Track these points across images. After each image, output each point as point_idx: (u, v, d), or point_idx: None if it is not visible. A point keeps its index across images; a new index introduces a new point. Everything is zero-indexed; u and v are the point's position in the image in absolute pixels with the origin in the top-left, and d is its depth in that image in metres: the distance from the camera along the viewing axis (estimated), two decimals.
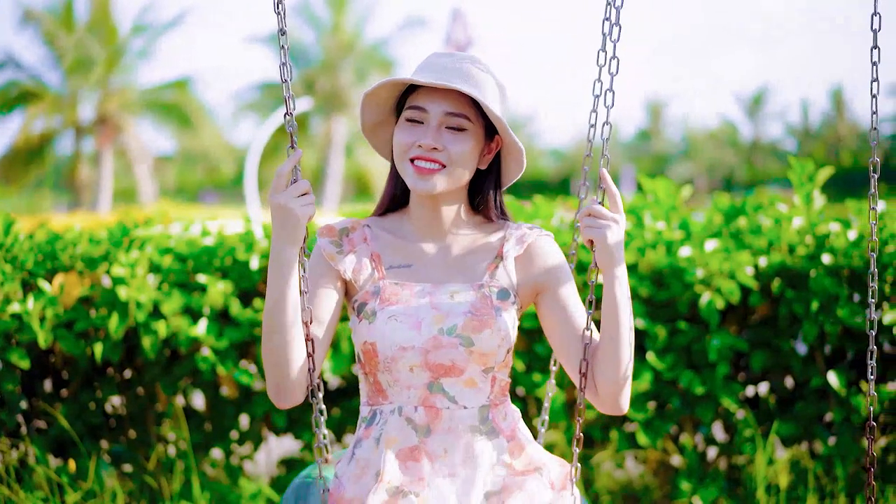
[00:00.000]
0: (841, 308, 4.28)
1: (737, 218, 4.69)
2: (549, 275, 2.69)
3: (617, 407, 2.63)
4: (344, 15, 44.00)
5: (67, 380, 4.62)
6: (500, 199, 2.78)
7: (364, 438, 2.66)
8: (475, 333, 2.57)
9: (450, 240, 2.73)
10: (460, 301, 2.61)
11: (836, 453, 4.42)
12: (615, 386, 2.59)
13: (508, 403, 2.74)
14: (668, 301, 4.50)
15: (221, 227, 4.70)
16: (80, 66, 37.81)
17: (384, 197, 2.81)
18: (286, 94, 2.58)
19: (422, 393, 2.61)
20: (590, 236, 2.56)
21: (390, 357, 2.58)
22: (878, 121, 2.95)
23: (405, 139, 2.60)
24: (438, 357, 2.57)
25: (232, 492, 4.51)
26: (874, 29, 2.83)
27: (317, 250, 2.71)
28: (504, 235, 2.74)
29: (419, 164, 2.59)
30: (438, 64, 2.63)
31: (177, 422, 4.55)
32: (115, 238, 4.45)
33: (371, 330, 2.59)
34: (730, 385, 4.44)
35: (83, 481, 4.38)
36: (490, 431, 2.64)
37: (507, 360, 2.69)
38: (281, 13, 2.56)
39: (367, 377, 2.68)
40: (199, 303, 4.36)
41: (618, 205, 2.58)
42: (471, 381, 2.62)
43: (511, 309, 2.65)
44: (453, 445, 2.60)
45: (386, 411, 2.64)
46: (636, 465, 4.95)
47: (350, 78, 43.47)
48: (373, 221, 2.79)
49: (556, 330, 2.67)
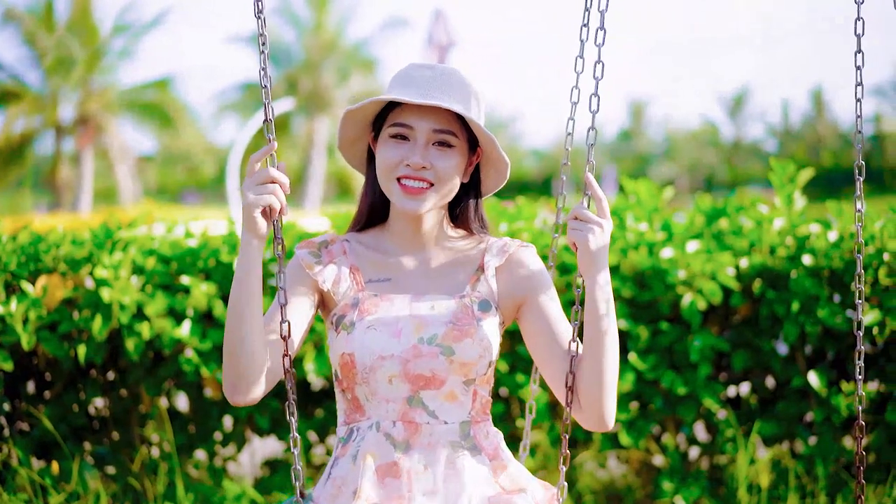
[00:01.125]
0: (821, 308, 4.31)
1: (718, 219, 4.72)
2: (530, 286, 2.63)
3: (602, 421, 2.53)
4: (325, 15, 43.98)
5: (51, 382, 4.62)
6: (480, 211, 2.73)
7: (340, 457, 2.57)
8: (456, 342, 2.51)
9: (430, 253, 2.68)
10: (441, 311, 2.55)
11: (817, 453, 4.45)
12: (598, 397, 2.50)
13: (490, 424, 2.64)
14: (650, 302, 4.53)
15: (205, 228, 4.70)
16: (60, 65, 37.66)
17: (361, 212, 2.74)
18: (265, 100, 2.52)
19: (401, 407, 2.52)
20: (573, 239, 2.50)
21: (369, 367, 2.50)
22: (861, 122, 2.97)
23: (391, 157, 2.54)
24: (418, 367, 2.50)
25: (216, 493, 4.51)
26: (858, 34, 2.84)
27: (294, 260, 2.64)
28: (485, 247, 2.68)
29: (407, 184, 2.53)
30: (419, 77, 2.56)
31: (160, 423, 4.56)
32: (99, 240, 4.45)
33: (349, 340, 2.52)
34: (711, 385, 4.46)
35: (66, 483, 4.38)
36: (472, 448, 2.55)
37: (489, 377, 2.61)
38: (261, 18, 2.51)
39: (344, 394, 2.60)
40: (182, 304, 4.36)
41: (604, 209, 2.52)
42: (451, 394, 2.54)
43: (493, 320, 2.58)
44: (434, 461, 2.51)
45: (363, 427, 2.56)
46: (619, 465, 4.97)
47: (332, 78, 43.47)
48: (351, 236, 2.73)
49: (539, 341, 2.60)
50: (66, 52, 37.39)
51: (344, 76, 43.86)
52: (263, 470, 4.79)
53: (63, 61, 37.50)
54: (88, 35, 38.49)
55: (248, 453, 4.93)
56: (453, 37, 20.02)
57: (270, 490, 4.59)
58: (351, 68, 44.23)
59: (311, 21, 43.97)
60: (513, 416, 4.61)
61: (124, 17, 39.52)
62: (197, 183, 68.97)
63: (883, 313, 4.28)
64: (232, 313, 2.45)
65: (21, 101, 37.98)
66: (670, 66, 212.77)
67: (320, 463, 4.74)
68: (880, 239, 4.32)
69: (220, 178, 52.84)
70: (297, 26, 43.86)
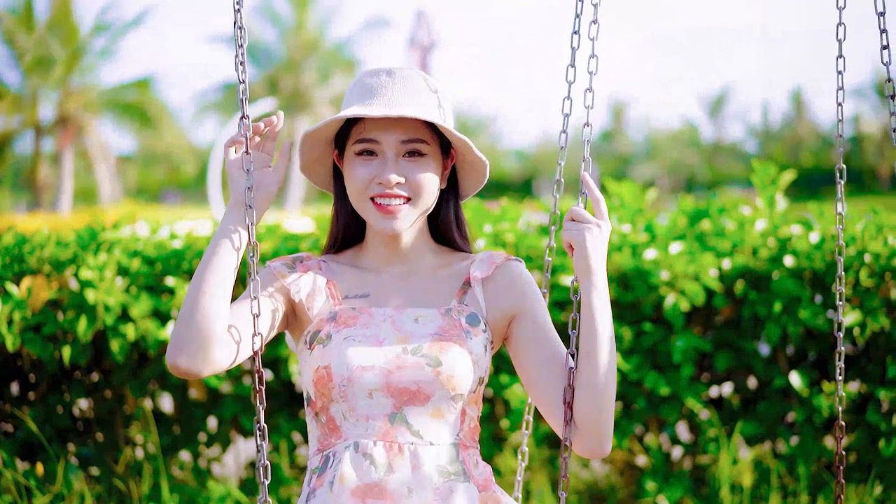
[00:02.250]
0: (803, 309, 4.34)
1: (701, 221, 4.74)
2: (521, 299, 2.42)
3: (600, 445, 2.33)
4: (307, 14, 43.93)
5: (35, 383, 4.62)
6: (461, 217, 2.53)
7: (317, 488, 2.32)
8: (443, 353, 2.30)
9: (412, 268, 2.46)
10: (426, 323, 2.35)
11: (799, 453, 4.48)
12: (596, 417, 2.31)
13: (479, 454, 2.42)
14: (633, 303, 4.55)
15: (190, 230, 4.70)
16: (40, 65, 37.51)
17: (334, 235, 2.53)
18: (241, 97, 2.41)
19: (382, 426, 2.29)
20: (569, 239, 2.33)
21: (347, 378, 2.28)
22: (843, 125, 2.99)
23: (361, 176, 2.34)
24: (402, 379, 2.29)
25: (201, 494, 4.51)
26: (839, 39, 2.86)
27: (266, 270, 2.42)
28: (470, 261, 2.47)
29: (382, 203, 2.33)
30: (376, 85, 2.37)
31: (145, 424, 4.56)
32: (83, 241, 4.45)
33: (325, 353, 2.31)
34: (694, 386, 4.49)
35: (51, 484, 4.38)
36: (461, 474, 2.32)
37: (478, 396, 2.40)
38: (239, 12, 2.36)
39: (317, 418, 2.37)
40: (167, 305, 4.37)
41: (602, 211, 2.36)
42: (438, 411, 2.31)
43: (482, 336, 2.37)
44: (419, 486, 2.28)
45: (339, 450, 2.32)
46: (602, 466, 4.99)
47: (313, 78, 43.43)
48: (327, 257, 2.51)
49: (530, 359, 2.40)
50: (46, 51, 37.24)
51: (325, 76, 43.81)
52: (248, 471, 4.79)
53: (43, 61, 37.35)
54: (68, 34, 38.34)
55: (233, 454, 4.94)
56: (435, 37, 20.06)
57: (255, 491, 4.60)
58: (332, 68, 44.20)
59: (292, 21, 43.92)
60: (497, 416, 4.63)
61: (104, 16, 39.37)
62: (177, 183, 68.78)
63: (864, 314, 4.32)
64: (196, 273, 2.26)
65: (0, 100, 37.83)
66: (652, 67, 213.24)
67: (304, 464, 4.74)
68: (861, 240, 4.36)
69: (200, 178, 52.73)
70: (279, 26, 43.80)
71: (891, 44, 2.74)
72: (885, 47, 2.74)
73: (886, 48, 2.74)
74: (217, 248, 2.27)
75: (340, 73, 44.30)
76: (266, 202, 2.37)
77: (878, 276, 4.35)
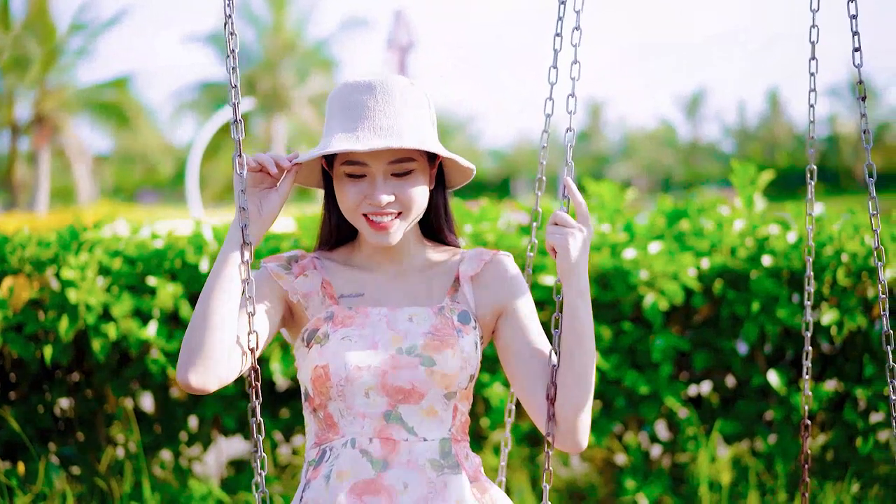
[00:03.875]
0: (781, 308, 4.38)
1: (679, 221, 4.78)
2: (508, 293, 2.51)
3: (576, 441, 2.43)
4: (284, 14, 43.88)
5: (16, 383, 4.62)
6: (448, 211, 2.59)
7: (312, 479, 2.41)
8: (436, 353, 2.38)
9: (404, 266, 2.53)
10: (419, 322, 2.43)
11: (777, 451, 4.53)
12: (574, 413, 2.40)
13: (469, 446, 2.50)
14: (612, 302, 4.58)
15: (171, 230, 4.71)
16: (16, 64, 37.34)
17: (326, 232, 2.59)
18: (234, 100, 2.38)
19: (377, 423, 2.38)
20: (552, 243, 2.42)
21: (344, 378, 2.35)
22: (815, 127, 3.03)
23: (352, 197, 2.38)
24: (397, 379, 2.37)
25: (182, 493, 4.52)
26: (812, 41, 2.90)
27: (262, 271, 2.47)
28: (460, 258, 2.55)
29: (374, 219, 2.37)
30: (360, 105, 2.38)
31: (126, 424, 4.57)
32: (65, 241, 4.45)
33: (323, 352, 2.38)
34: (673, 384, 4.52)
35: (33, 484, 4.38)
36: (453, 467, 2.41)
37: (469, 392, 2.48)
38: (230, 19, 2.37)
39: (315, 414, 2.45)
40: (148, 305, 4.38)
41: (583, 214, 2.45)
42: (431, 409, 2.40)
43: (472, 333, 2.45)
44: (414, 481, 2.36)
45: (337, 446, 2.40)
46: (581, 464, 5.02)
47: (291, 78, 43.38)
48: (320, 254, 2.57)
49: (515, 352, 2.48)
50: (23, 50, 37.07)
51: (303, 76, 43.77)
52: (229, 470, 4.81)
53: (19, 60, 37.18)
54: (45, 34, 38.16)
55: (214, 453, 4.95)
56: (413, 37, 20.07)
57: (236, 490, 4.61)
58: (310, 68, 44.17)
59: (269, 21, 43.87)
60: (477, 414, 4.65)
61: (81, 16, 39.21)
62: (154, 183, 68.54)
63: (841, 313, 4.37)
64: (203, 292, 2.32)
65: None
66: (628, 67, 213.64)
67: (286, 463, 4.76)
68: (838, 240, 4.40)
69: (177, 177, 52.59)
70: (256, 26, 43.74)
71: (862, 47, 2.77)
72: (857, 49, 2.77)
73: (858, 51, 2.77)
74: (220, 270, 2.32)
75: (318, 73, 44.28)
76: (270, 220, 2.41)
77: (854, 276, 4.40)
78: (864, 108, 2.84)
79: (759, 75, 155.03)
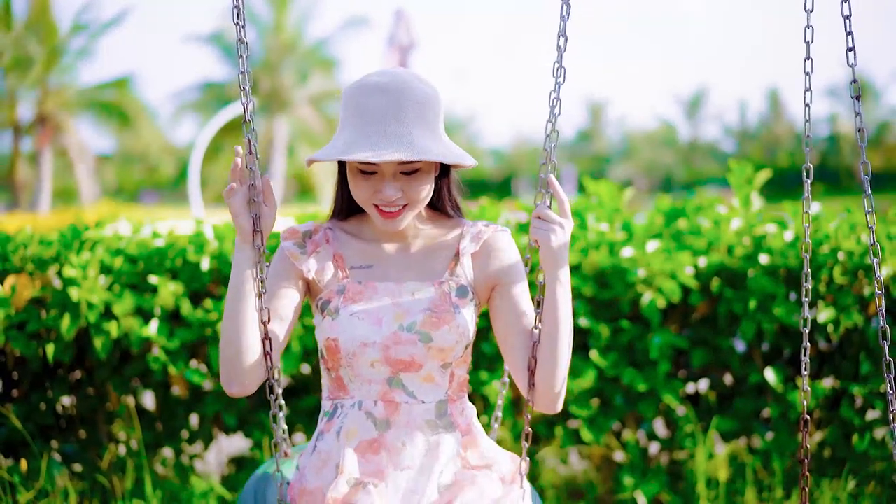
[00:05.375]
0: (778, 307, 4.40)
1: (677, 219, 4.80)
2: (502, 269, 2.77)
3: (552, 404, 2.72)
4: (285, 14, 43.86)
5: (18, 380, 4.64)
6: (453, 191, 2.83)
7: (325, 431, 2.75)
8: (434, 330, 2.66)
9: (410, 240, 2.79)
10: (420, 298, 2.69)
11: (774, 448, 4.54)
12: (552, 383, 2.68)
13: (466, 400, 2.82)
14: (610, 300, 4.61)
15: (172, 228, 4.73)
16: (18, 64, 37.36)
17: (338, 202, 2.85)
18: (244, 100, 2.75)
19: (381, 388, 2.69)
20: (536, 237, 2.65)
21: (352, 352, 2.65)
22: (812, 125, 3.06)
23: (363, 191, 2.63)
24: (398, 353, 2.65)
25: (183, 490, 4.55)
26: (807, 41, 2.92)
27: (280, 251, 2.76)
28: (461, 233, 2.80)
29: (384, 209, 2.64)
30: (374, 109, 2.57)
31: (128, 421, 4.59)
32: (66, 240, 4.48)
33: (334, 326, 2.67)
34: (671, 382, 4.55)
35: (35, 481, 4.40)
36: (447, 426, 2.73)
37: (466, 357, 2.77)
38: (240, 25, 2.72)
39: (329, 373, 2.76)
40: (150, 303, 4.40)
41: (565, 210, 2.67)
42: (429, 376, 2.71)
43: (469, 306, 2.73)
44: (411, 439, 2.68)
45: (347, 405, 2.73)
46: (580, 461, 5.04)
47: (292, 78, 43.36)
48: (333, 224, 2.84)
49: (505, 325, 2.75)
50: (24, 51, 37.09)
51: (303, 76, 43.75)
52: (230, 467, 4.83)
53: (21, 60, 37.20)
54: (47, 34, 38.17)
55: (215, 451, 4.97)
56: (414, 37, 20.06)
57: (237, 487, 4.64)
58: (310, 68, 44.14)
59: (270, 21, 43.85)
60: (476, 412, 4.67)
61: (83, 16, 39.16)
62: (155, 183, 68.59)
63: (837, 311, 4.39)
64: (228, 310, 2.63)
65: None
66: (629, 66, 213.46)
67: None
68: (835, 238, 4.42)
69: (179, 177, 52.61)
70: (257, 26, 43.70)
71: (864, 46, 2.80)
72: (851, 49, 2.82)
73: (852, 50, 2.81)
74: (237, 291, 2.64)
75: (319, 73, 44.27)
76: (268, 231, 2.69)
77: (851, 274, 4.42)
78: (859, 107, 2.90)
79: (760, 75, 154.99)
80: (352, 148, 2.54)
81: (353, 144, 2.55)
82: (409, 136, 2.56)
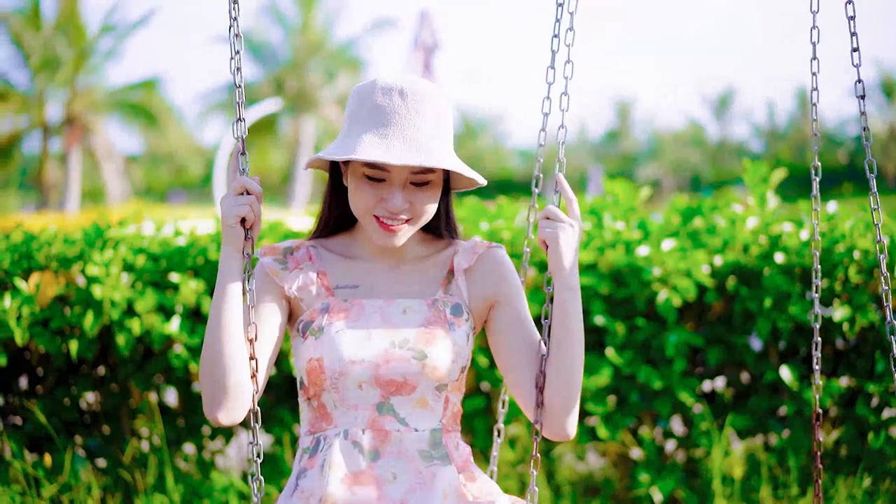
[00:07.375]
0: (793, 305, 4.42)
1: (693, 218, 4.82)
2: (499, 286, 2.56)
3: (564, 429, 2.49)
4: (312, 14, 43.91)
5: (43, 377, 4.70)
6: (450, 213, 2.63)
7: (308, 468, 2.46)
8: (428, 346, 2.43)
9: (400, 258, 2.57)
10: (413, 315, 2.47)
11: (789, 445, 4.56)
12: (562, 403, 2.46)
13: (460, 436, 2.56)
14: (626, 298, 4.63)
15: (194, 227, 4.78)
16: (47, 65, 37.64)
17: (325, 219, 2.62)
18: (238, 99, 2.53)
19: (370, 414, 2.43)
20: (544, 237, 2.46)
21: (338, 372, 2.40)
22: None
23: (368, 198, 2.41)
24: (390, 372, 2.41)
25: (204, 485, 4.60)
26: (813, 42, 2.95)
27: (260, 268, 2.52)
28: (454, 250, 2.59)
29: (385, 221, 2.41)
30: (389, 110, 2.38)
31: (150, 417, 4.64)
32: (90, 238, 4.53)
33: (318, 345, 2.43)
34: (687, 380, 4.57)
35: (59, 475, 4.46)
36: (442, 457, 2.45)
37: (461, 384, 2.54)
38: (236, 21, 2.53)
39: (309, 403, 2.50)
40: (171, 301, 4.45)
41: (574, 210, 2.51)
42: (423, 400, 2.45)
43: (465, 326, 2.50)
44: (404, 470, 2.42)
45: (330, 436, 2.45)
46: (597, 458, 5.06)
47: (318, 78, 43.41)
48: (317, 242, 2.61)
49: (505, 344, 2.54)
50: (53, 52, 37.36)
51: (330, 76, 43.78)
52: (250, 463, 4.87)
53: (50, 61, 37.47)
54: (75, 35, 38.43)
55: (236, 447, 5.02)
56: (438, 38, 20.09)
57: None
58: (337, 68, 44.17)
59: (297, 21, 43.92)
60: (493, 410, 4.71)
61: (111, 17, 39.47)
62: (183, 183, 68.74)
63: (853, 310, 4.41)
64: (215, 328, 2.39)
65: (8, 101, 37.99)
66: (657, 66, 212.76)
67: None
68: (850, 237, 4.44)
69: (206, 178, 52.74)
70: (284, 26, 43.79)
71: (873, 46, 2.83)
72: (856, 50, 2.85)
73: (857, 51, 2.84)
74: (227, 305, 2.40)
75: (346, 74, 44.28)
76: (256, 237, 2.46)
77: (866, 273, 4.43)
78: (864, 107, 2.92)
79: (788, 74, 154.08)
80: (365, 148, 2.32)
81: (366, 145, 2.33)
82: (428, 143, 2.37)
